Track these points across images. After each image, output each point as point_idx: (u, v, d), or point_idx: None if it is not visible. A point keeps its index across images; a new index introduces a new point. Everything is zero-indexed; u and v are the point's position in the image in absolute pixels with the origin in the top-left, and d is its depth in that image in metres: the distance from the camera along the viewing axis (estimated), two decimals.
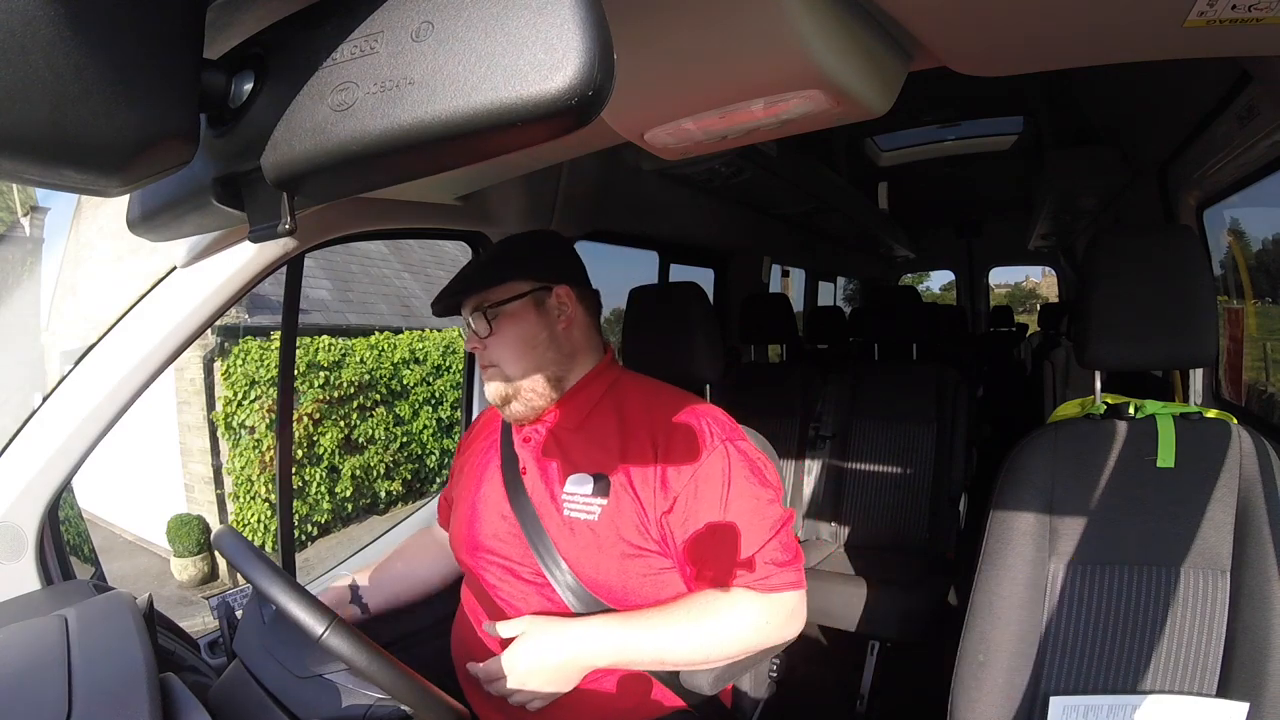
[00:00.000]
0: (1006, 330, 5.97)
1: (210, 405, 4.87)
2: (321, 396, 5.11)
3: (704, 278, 2.91)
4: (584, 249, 1.52)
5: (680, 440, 0.95)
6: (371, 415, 5.41)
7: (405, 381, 5.61)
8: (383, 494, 5.49)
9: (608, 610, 0.95)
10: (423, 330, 5.94)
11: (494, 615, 0.99)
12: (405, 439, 5.62)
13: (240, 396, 4.80)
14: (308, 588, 0.93)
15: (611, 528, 0.93)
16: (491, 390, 1.02)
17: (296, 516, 4.87)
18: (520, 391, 0.99)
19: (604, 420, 1.00)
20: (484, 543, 1.01)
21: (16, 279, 5.73)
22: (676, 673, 0.97)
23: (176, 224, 0.54)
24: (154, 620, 0.80)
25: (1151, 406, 1.03)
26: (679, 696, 1.00)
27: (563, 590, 0.94)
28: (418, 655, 1.12)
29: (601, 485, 0.95)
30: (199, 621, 1.62)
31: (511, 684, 0.88)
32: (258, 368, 4.83)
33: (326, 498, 5.13)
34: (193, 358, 4.79)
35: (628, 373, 1.08)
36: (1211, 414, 1.01)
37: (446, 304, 1.04)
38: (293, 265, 1.32)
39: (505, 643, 0.97)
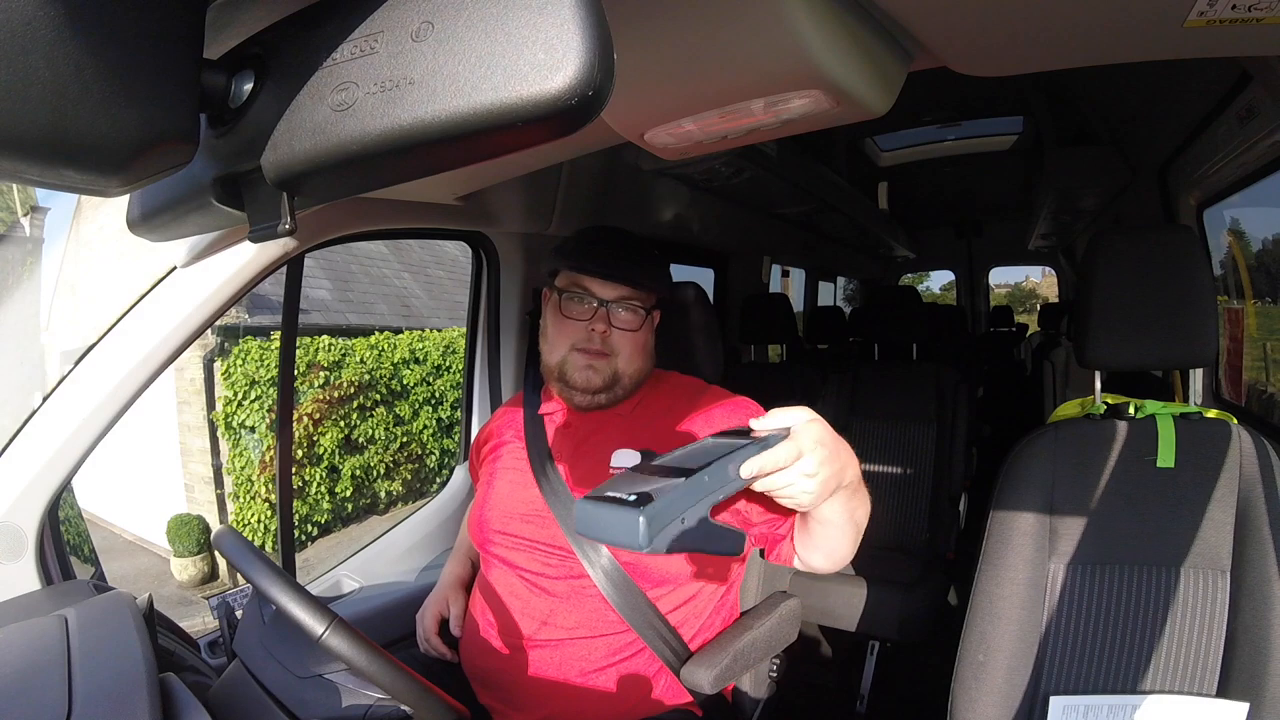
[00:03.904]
0: (1006, 330, 5.97)
1: (210, 405, 4.87)
2: (321, 396, 5.10)
3: (704, 278, 2.91)
4: None
5: (736, 415, 1.01)
6: (371, 415, 5.41)
7: (405, 381, 5.61)
8: (383, 494, 5.48)
9: (635, 589, 0.96)
10: (423, 330, 5.94)
11: (512, 598, 1.01)
12: (405, 439, 5.62)
13: (240, 396, 4.79)
14: (308, 588, 0.93)
15: None
16: (591, 374, 1.02)
17: (296, 516, 4.87)
18: (618, 384, 1.04)
19: (649, 408, 1.07)
20: (508, 525, 1.03)
21: (16, 279, 5.73)
22: (678, 671, 0.98)
23: (176, 224, 0.54)
24: (154, 620, 0.81)
25: (1151, 406, 1.03)
26: (680, 695, 1.00)
27: (592, 567, 0.96)
28: (418, 655, 1.12)
29: (648, 460, 0.99)
30: (199, 621, 1.62)
31: (815, 457, 0.69)
32: (258, 368, 4.82)
33: (326, 498, 5.12)
34: (193, 358, 4.79)
35: (668, 372, 1.15)
36: (1211, 414, 1.01)
37: (600, 271, 1.02)
38: (293, 265, 1.32)
39: (511, 644, 0.98)
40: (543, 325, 1.08)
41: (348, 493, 5.25)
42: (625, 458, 1.02)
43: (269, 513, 4.81)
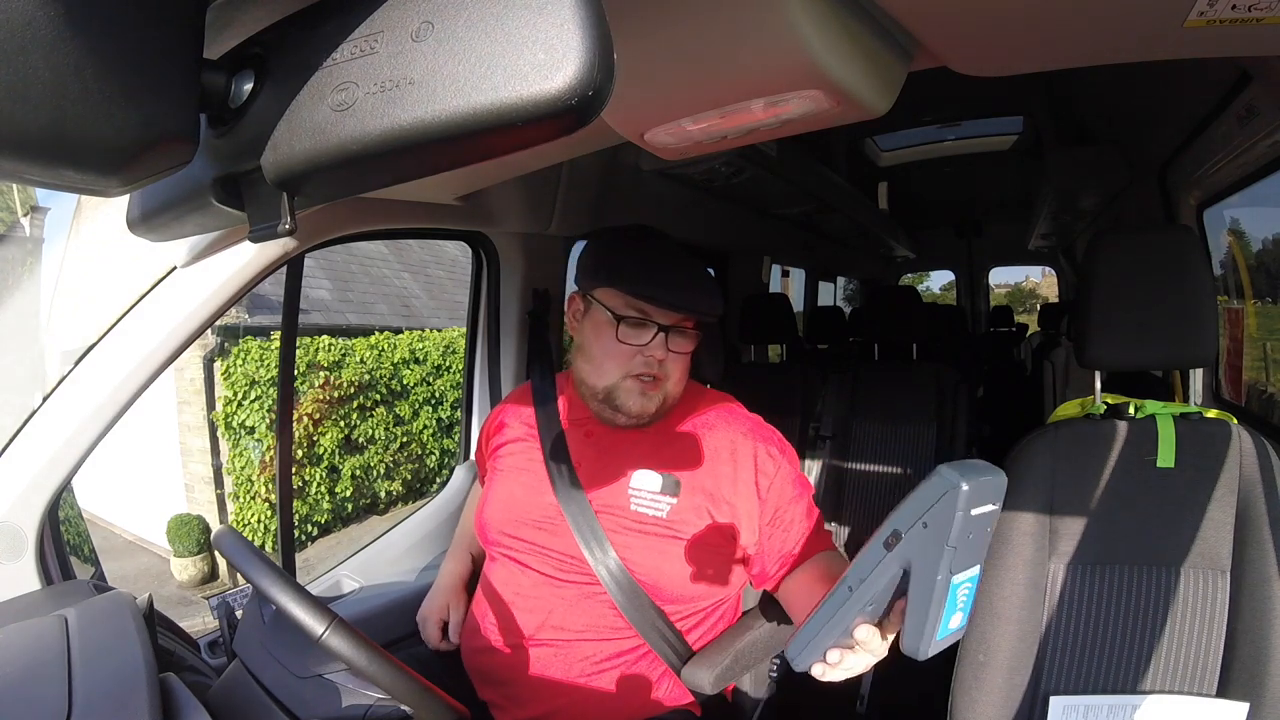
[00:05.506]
0: (1006, 330, 5.97)
1: (210, 405, 4.87)
2: (321, 396, 5.11)
3: None
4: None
5: (760, 448, 1.01)
6: (371, 415, 5.41)
7: (405, 381, 5.61)
8: (383, 494, 5.49)
9: (648, 600, 0.96)
10: (423, 330, 5.94)
11: (517, 597, 1.00)
12: (405, 439, 5.62)
13: (240, 396, 4.80)
14: (308, 588, 0.93)
15: (680, 524, 0.97)
16: (646, 401, 0.98)
17: (296, 516, 4.87)
18: (664, 406, 1.01)
19: (671, 422, 1.03)
20: (519, 530, 1.01)
21: (16, 279, 5.73)
22: (679, 670, 0.98)
23: (176, 224, 0.54)
24: (154, 620, 0.81)
25: (1151, 406, 1.03)
26: (682, 696, 1.00)
27: (605, 576, 0.95)
28: (418, 655, 1.12)
29: (670, 484, 0.98)
30: (199, 621, 1.62)
31: None
32: (258, 368, 4.83)
33: (326, 498, 5.13)
34: (193, 358, 4.79)
35: (692, 382, 1.10)
36: (1211, 414, 1.01)
37: (669, 301, 0.95)
38: (293, 265, 1.32)
39: (513, 642, 0.98)
40: (582, 340, 1.02)
41: (348, 493, 5.25)
42: (645, 479, 0.99)
43: (269, 513, 4.81)
